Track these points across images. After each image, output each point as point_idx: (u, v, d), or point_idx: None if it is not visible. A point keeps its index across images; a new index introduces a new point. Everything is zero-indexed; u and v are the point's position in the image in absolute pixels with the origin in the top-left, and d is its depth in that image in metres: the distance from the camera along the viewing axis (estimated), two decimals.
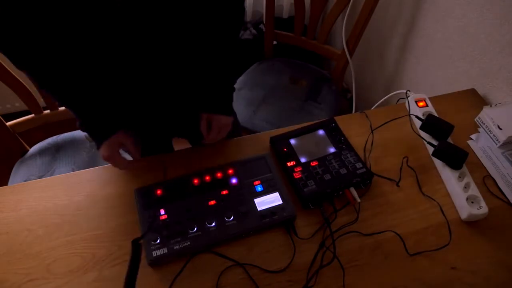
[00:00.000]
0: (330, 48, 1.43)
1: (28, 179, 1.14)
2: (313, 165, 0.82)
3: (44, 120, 1.22)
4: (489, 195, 0.81)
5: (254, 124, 1.33)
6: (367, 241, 0.74)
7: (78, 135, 1.26)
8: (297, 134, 0.88)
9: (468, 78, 1.08)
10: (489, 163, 0.87)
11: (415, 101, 0.95)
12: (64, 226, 0.75)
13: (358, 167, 0.81)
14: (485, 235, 0.76)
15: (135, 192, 0.78)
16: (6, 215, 0.77)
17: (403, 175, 0.84)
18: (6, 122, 1.15)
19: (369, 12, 1.22)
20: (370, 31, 1.50)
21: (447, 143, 0.83)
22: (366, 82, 1.71)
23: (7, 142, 1.18)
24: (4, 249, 0.72)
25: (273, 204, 0.76)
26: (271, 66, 1.54)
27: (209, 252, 0.72)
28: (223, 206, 0.75)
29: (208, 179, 0.79)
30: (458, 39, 1.08)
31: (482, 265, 0.72)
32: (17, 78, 1.08)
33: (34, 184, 0.83)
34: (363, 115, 0.96)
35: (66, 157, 1.20)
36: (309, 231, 0.75)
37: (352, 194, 0.78)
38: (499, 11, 0.92)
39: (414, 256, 0.73)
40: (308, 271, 0.70)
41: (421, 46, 1.27)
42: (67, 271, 0.70)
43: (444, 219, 0.77)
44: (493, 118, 0.89)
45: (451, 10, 1.08)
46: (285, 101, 1.39)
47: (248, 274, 0.70)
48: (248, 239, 0.74)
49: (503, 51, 0.94)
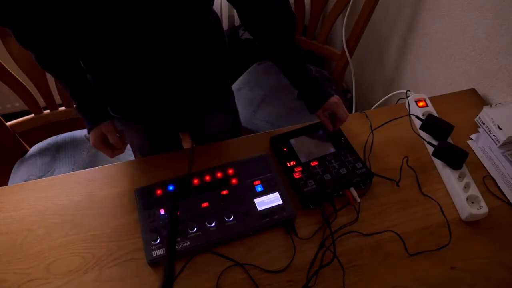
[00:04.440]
0: (330, 48, 1.43)
1: (28, 179, 1.14)
2: (313, 165, 0.82)
3: (44, 120, 1.22)
4: (489, 195, 0.81)
5: (254, 124, 1.33)
6: (367, 241, 0.74)
7: (78, 135, 1.26)
8: (297, 134, 0.88)
9: (468, 78, 1.08)
10: (489, 163, 0.87)
11: (415, 101, 0.95)
12: (64, 226, 0.75)
13: (358, 167, 0.81)
14: (485, 235, 0.76)
15: (135, 192, 0.78)
16: (6, 215, 0.77)
17: (403, 175, 0.84)
18: (6, 122, 1.15)
19: (369, 12, 1.22)
20: (370, 31, 1.50)
21: (447, 143, 0.83)
22: (366, 82, 1.71)
23: (7, 142, 1.18)
24: (4, 249, 0.72)
25: (273, 204, 0.76)
26: (271, 66, 1.54)
27: (209, 252, 0.72)
28: (223, 206, 0.75)
29: (208, 179, 0.79)
30: (458, 39, 1.08)
31: (482, 265, 0.72)
32: (17, 78, 1.08)
33: (34, 184, 0.83)
34: (363, 115, 0.96)
35: (66, 157, 1.20)
36: (309, 231, 0.75)
37: (352, 194, 0.78)
38: (499, 11, 0.92)
39: (414, 256, 0.73)
40: (308, 271, 0.70)
41: (421, 46, 1.26)
42: (67, 271, 0.70)
43: (444, 219, 0.77)
44: (493, 118, 0.89)
45: (451, 10, 1.08)
46: (285, 101, 1.39)
47: (248, 274, 0.70)
48: (248, 239, 0.74)
49: (503, 51, 0.94)
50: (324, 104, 0.84)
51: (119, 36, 0.66)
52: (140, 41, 0.68)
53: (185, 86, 0.85)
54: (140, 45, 0.69)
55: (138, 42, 0.68)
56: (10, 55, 1.00)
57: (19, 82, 1.09)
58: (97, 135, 0.82)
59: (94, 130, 0.81)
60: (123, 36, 0.66)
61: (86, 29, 0.63)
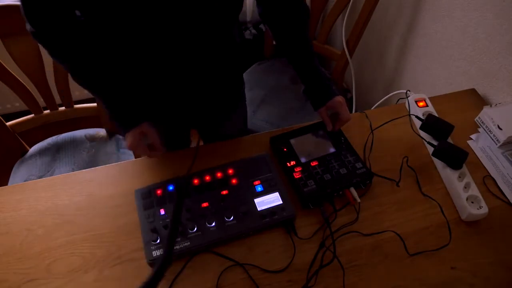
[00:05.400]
0: (330, 48, 1.43)
1: (28, 179, 1.14)
2: (313, 165, 0.82)
3: (44, 120, 1.21)
4: (489, 195, 0.81)
5: (254, 124, 1.33)
6: (367, 241, 0.74)
7: (78, 135, 1.26)
8: (297, 134, 0.88)
9: (468, 78, 1.08)
10: (489, 163, 0.87)
11: (415, 101, 0.95)
12: (64, 226, 0.75)
13: (358, 167, 0.81)
14: (485, 235, 0.76)
15: (135, 192, 0.78)
16: (6, 215, 0.77)
17: (403, 175, 0.84)
18: (6, 122, 1.15)
19: (369, 12, 1.22)
20: (370, 31, 1.50)
21: (447, 143, 0.83)
22: (366, 82, 1.71)
23: (7, 142, 1.18)
24: (4, 249, 0.72)
25: (273, 204, 0.76)
26: (271, 66, 1.54)
27: (209, 252, 0.72)
28: (223, 206, 0.75)
29: (208, 179, 0.79)
30: (458, 39, 1.08)
31: (482, 265, 0.72)
32: (17, 78, 1.08)
33: (34, 184, 0.83)
34: (363, 115, 0.96)
35: (66, 157, 1.20)
36: (309, 231, 0.75)
37: (352, 194, 0.78)
38: (499, 11, 0.92)
39: (414, 256, 0.73)
40: (308, 271, 0.70)
41: (421, 46, 1.26)
42: (67, 271, 0.70)
43: (444, 219, 0.77)
44: (493, 118, 0.89)
45: (451, 10, 1.08)
46: (285, 101, 1.39)
47: (248, 274, 0.70)
48: (248, 239, 0.74)
49: (503, 51, 0.94)
50: (328, 102, 0.85)
51: (153, 33, 0.68)
52: (171, 40, 0.70)
53: (207, 87, 0.87)
54: (170, 44, 0.71)
55: (169, 41, 0.71)
56: (10, 55, 1.00)
57: (19, 82, 1.09)
58: (136, 135, 0.78)
59: (133, 130, 0.78)
60: (157, 33, 0.68)
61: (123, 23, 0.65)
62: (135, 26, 0.66)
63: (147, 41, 0.70)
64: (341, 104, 0.85)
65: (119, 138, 1.27)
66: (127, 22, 0.65)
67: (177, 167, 0.84)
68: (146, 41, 0.70)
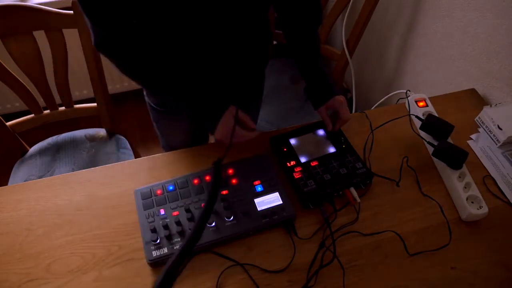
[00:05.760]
0: (330, 48, 1.43)
1: (28, 179, 1.14)
2: (313, 165, 0.82)
3: (44, 120, 1.21)
4: (489, 195, 0.81)
5: None
6: (367, 241, 0.74)
7: (78, 135, 1.27)
8: (297, 134, 0.88)
9: (468, 78, 1.08)
10: (489, 163, 0.87)
11: (415, 101, 0.95)
12: (64, 226, 0.75)
13: (358, 167, 0.81)
14: (485, 235, 0.76)
15: (135, 192, 0.78)
16: (6, 215, 0.77)
17: (403, 175, 0.84)
18: (6, 122, 1.15)
19: (369, 12, 1.22)
20: (370, 31, 1.50)
21: (447, 143, 0.83)
22: (366, 82, 1.71)
23: (7, 142, 1.18)
24: (4, 249, 0.72)
25: (273, 204, 0.76)
26: (271, 66, 1.53)
27: (209, 252, 0.72)
28: (223, 206, 0.75)
29: (208, 179, 0.79)
30: (458, 39, 1.08)
31: (482, 265, 0.72)
32: (17, 78, 1.08)
33: (34, 184, 0.83)
34: (363, 115, 0.96)
35: (66, 157, 1.21)
36: (309, 231, 0.75)
37: (352, 194, 0.78)
38: (499, 11, 0.92)
39: (414, 256, 0.73)
40: (308, 271, 0.70)
41: (421, 46, 1.27)
42: (67, 271, 0.70)
43: (444, 219, 0.77)
44: (493, 118, 0.89)
45: (451, 10, 1.08)
46: (285, 101, 1.39)
47: (248, 274, 0.70)
48: (248, 239, 0.74)
49: (503, 51, 0.94)
50: (329, 101, 0.85)
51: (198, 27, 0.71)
52: (213, 32, 0.73)
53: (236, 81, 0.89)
54: (211, 36, 0.74)
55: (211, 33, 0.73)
56: (10, 55, 1.00)
57: (19, 82, 1.09)
58: (228, 119, 0.75)
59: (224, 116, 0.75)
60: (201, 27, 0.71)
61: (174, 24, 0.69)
62: (185, 24, 0.69)
63: (192, 35, 0.72)
64: (341, 103, 0.85)
65: (119, 138, 1.27)
66: (177, 22, 0.68)
67: (177, 167, 0.84)
68: (191, 36, 0.72)
